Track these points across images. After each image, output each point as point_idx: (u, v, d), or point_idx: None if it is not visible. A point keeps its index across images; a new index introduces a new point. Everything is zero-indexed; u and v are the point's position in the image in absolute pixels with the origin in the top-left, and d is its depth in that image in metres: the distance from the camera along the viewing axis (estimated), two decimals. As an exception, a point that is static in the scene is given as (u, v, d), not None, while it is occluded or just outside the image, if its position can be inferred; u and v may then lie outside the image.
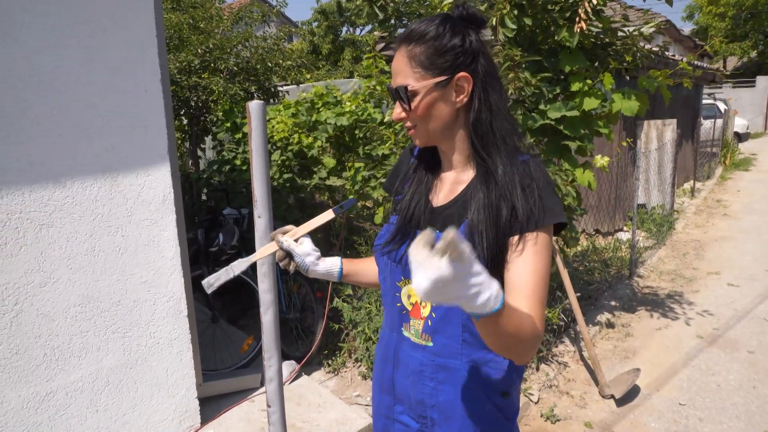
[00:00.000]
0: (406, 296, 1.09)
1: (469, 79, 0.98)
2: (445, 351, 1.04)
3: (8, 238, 1.86)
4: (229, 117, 4.88)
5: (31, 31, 1.82)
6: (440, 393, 1.06)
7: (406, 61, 0.98)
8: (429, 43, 0.96)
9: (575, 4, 2.24)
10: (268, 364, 1.32)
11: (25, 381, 1.94)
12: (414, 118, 1.01)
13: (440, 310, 1.03)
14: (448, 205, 1.05)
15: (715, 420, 2.57)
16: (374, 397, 1.24)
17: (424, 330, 1.06)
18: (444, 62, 0.96)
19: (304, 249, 1.17)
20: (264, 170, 1.23)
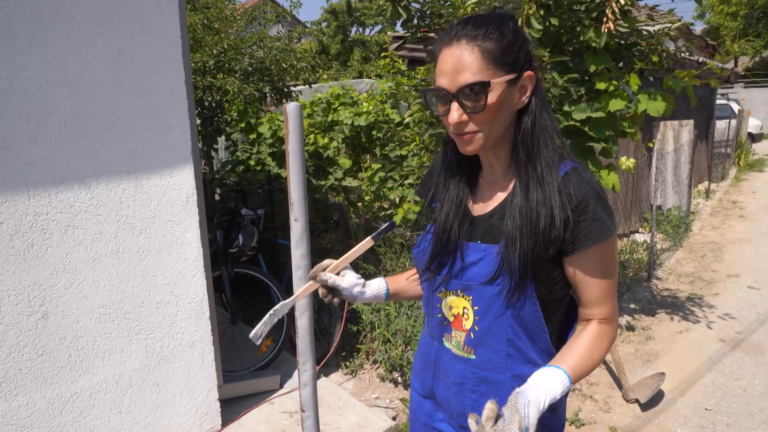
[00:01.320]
0: (447, 307, 1.06)
1: (533, 79, 0.94)
2: (488, 364, 1.02)
3: (35, 240, 1.86)
4: (243, 117, 4.89)
5: (59, 33, 1.82)
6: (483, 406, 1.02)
7: (474, 57, 0.89)
8: (499, 39, 0.90)
9: (602, 4, 2.21)
10: (302, 369, 1.30)
11: (51, 382, 1.95)
12: (481, 120, 0.92)
13: (484, 323, 1.00)
14: (488, 215, 1.02)
15: (742, 426, 2.53)
16: (413, 402, 1.23)
17: (466, 342, 1.04)
18: (515, 59, 0.91)
19: (348, 281, 1.14)
20: (301, 173, 1.21)
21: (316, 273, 1.13)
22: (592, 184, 0.95)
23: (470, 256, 1.00)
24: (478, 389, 1.04)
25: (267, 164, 4.74)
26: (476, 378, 1.03)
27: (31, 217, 1.85)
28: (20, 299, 1.85)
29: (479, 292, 0.99)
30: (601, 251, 0.95)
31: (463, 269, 1.01)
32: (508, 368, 1.01)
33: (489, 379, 1.02)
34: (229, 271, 3.00)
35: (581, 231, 0.92)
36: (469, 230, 1.02)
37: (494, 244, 0.97)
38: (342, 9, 17.63)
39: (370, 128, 3.79)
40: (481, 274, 0.98)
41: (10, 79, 1.74)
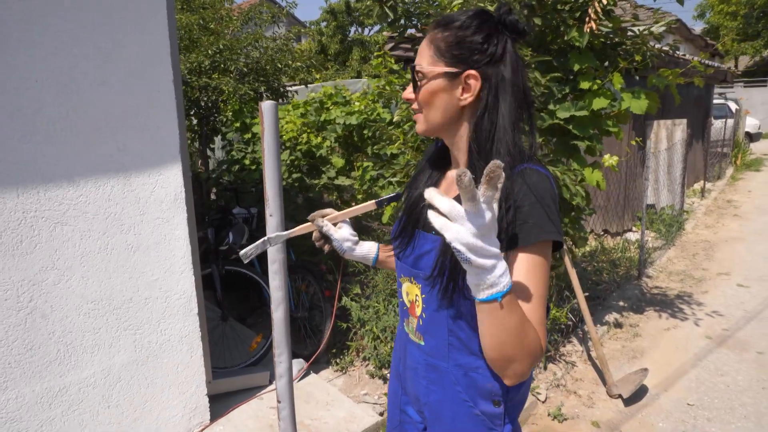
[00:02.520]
0: (405, 293, 1.10)
1: (478, 79, 0.93)
2: (435, 352, 1.03)
3: (23, 236, 1.90)
4: (238, 117, 4.92)
5: (48, 33, 1.86)
6: (431, 393, 1.06)
7: (426, 44, 0.97)
8: (452, 32, 0.94)
9: (585, 4, 2.24)
10: (278, 361, 1.34)
11: (39, 376, 1.98)
12: (420, 102, 0.99)
13: (428, 310, 1.02)
14: None
15: (723, 420, 2.56)
16: (390, 381, 1.27)
17: (417, 328, 1.07)
18: (459, 54, 0.93)
19: (342, 234, 1.20)
20: (276, 169, 1.24)
21: (315, 217, 1.18)
22: (535, 187, 0.90)
23: (423, 246, 1.02)
24: (428, 376, 1.06)
25: (262, 163, 4.78)
26: (426, 364, 1.06)
27: (20, 214, 1.88)
28: (9, 295, 1.88)
29: (424, 282, 1.01)
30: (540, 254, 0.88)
31: (416, 258, 1.04)
32: (450, 357, 1.01)
33: (436, 366, 1.04)
34: (219, 268, 3.03)
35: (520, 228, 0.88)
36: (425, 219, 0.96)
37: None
38: (341, 9, 17.66)
39: (361, 127, 3.82)
40: (430, 265, 0.97)
41: (0, 78, 1.78)
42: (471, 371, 1.00)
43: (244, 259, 1.13)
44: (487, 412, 1.00)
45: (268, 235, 1.15)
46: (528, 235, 0.87)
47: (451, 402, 1.02)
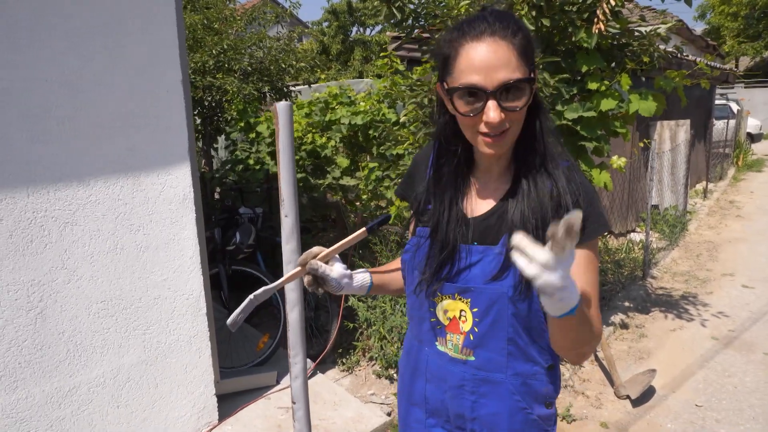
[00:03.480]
0: (442, 311, 1.04)
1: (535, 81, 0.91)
2: (488, 365, 1.01)
3: (34, 236, 1.90)
4: (242, 116, 4.92)
5: (58, 33, 1.86)
6: (482, 406, 1.03)
7: (512, 53, 0.85)
8: (525, 35, 0.87)
9: (593, 5, 2.24)
10: (293, 361, 1.34)
11: (49, 376, 1.98)
12: (514, 119, 0.88)
13: (484, 324, 0.99)
14: (485, 216, 0.99)
15: (732, 422, 2.57)
16: (402, 409, 1.20)
17: (464, 345, 1.02)
18: (531, 58, 0.88)
19: (338, 271, 1.09)
20: (291, 170, 1.25)
21: (306, 260, 1.08)
22: (584, 183, 0.96)
23: (467, 259, 0.99)
24: (478, 390, 1.03)
25: (266, 163, 4.78)
26: (476, 379, 1.02)
27: (30, 214, 1.88)
28: (19, 295, 1.88)
29: (479, 293, 0.98)
30: (594, 248, 0.94)
31: (459, 272, 0.99)
32: (509, 367, 1.00)
33: (489, 379, 1.01)
34: (226, 268, 3.03)
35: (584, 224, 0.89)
36: (465, 232, 1.00)
37: (493, 246, 0.96)
38: (343, 9, 17.67)
39: (367, 127, 3.82)
40: (483, 275, 0.96)
41: (10, 78, 1.78)
42: (529, 378, 1.01)
43: (233, 327, 1.07)
44: (542, 415, 1.03)
45: (254, 293, 1.07)
46: (595, 228, 0.93)
47: (508, 412, 1.02)
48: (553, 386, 1.04)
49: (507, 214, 0.96)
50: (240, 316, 1.05)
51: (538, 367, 1.01)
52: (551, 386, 1.04)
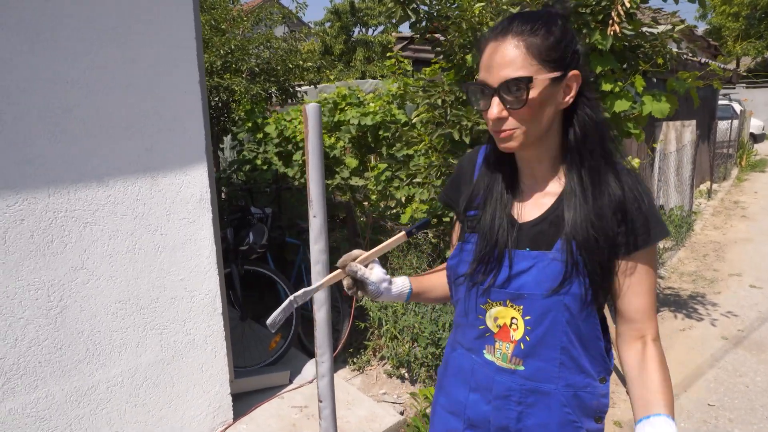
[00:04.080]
0: (492, 318, 1.02)
1: (579, 79, 0.90)
2: (539, 375, 0.98)
3: (54, 236, 1.91)
4: (250, 117, 4.93)
5: (78, 34, 1.87)
6: (528, 417, 1.01)
7: (519, 52, 0.86)
8: (546, 35, 0.87)
9: (607, 7, 2.25)
10: (320, 360, 1.35)
11: (68, 375, 2.00)
12: (521, 116, 0.89)
13: (536, 332, 0.97)
14: (537, 221, 0.98)
15: (745, 421, 2.58)
16: (439, 419, 1.16)
17: (514, 353, 1.00)
18: (560, 57, 0.88)
19: (377, 275, 1.08)
20: (319, 171, 1.26)
21: (346, 262, 1.07)
22: (643, 185, 0.94)
23: (518, 265, 0.97)
24: (525, 401, 1.00)
25: (274, 163, 4.79)
26: (523, 390, 1.00)
27: (51, 214, 1.89)
28: (40, 294, 1.90)
29: (532, 300, 0.96)
30: (653, 253, 0.94)
31: (510, 278, 0.97)
32: (561, 377, 0.98)
33: (538, 390, 0.99)
34: (239, 268, 3.05)
35: (640, 230, 0.90)
36: (516, 238, 0.98)
37: (546, 251, 0.95)
38: (345, 9, 17.69)
39: (376, 128, 3.84)
40: (536, 283, 0.95)
41: (31, 79, 1.79)
42: (580, 390, 0.99)
43: (272, 328, 1.06)
44: (591, 429, 1.01)
45: (294, 294, 1.07)
46: (658, 232, 0.92)
47: (557, 424, 1.00)
48: (604, 400, 1.01)
49: (562, 219, 0.93)
50: (280, 316, 1.05)
51: (590, 378, 0.99)
52: (603, 400, 1.01)
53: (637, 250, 0.92)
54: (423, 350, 2.78)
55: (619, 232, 0.90)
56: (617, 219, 0.90)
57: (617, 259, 0.93)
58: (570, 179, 0.94)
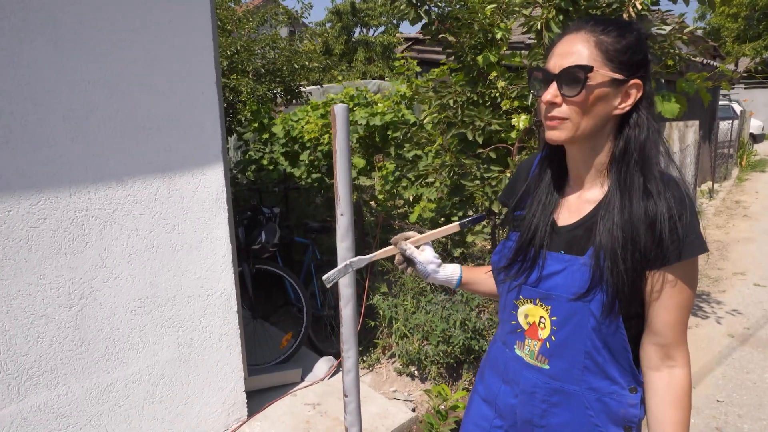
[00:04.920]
0: (523, 315, 1.05)
1: (640, 88, 0.92)
2: (562, 375, 1.01)
3: (75, 235, 1.94)
4: (256, 117, 4.96)
5: (100, 35, 1.90)
6: (552, 415, 1.03)
7: (589, 45, 0.90)
8: (618, 37, 0.90)
9: (618, 9, 2.28)
10: (346, 356, 1.37)
11: (89, 373, 2.02)
12: (572, 106, 0.91)
13: (562, 333, 0.99)
14: (574, 226, 1.00)
15: (754, 417, 2.61)
16: (474, 406, 1.22)
17: (540, 352, 1.03)
18: (627, 61, 0.90)
19: (426, 256, 1.17)
20: (347, 170, 1.29)
21: (398, 240, 1.18)
22: (689, 195, 0.93)
23: (551, 266, 1.00)
24: (549, 399, 1.03)
25: (280, 164, 4.82)
26: (548, 388, 1.03)
27: (72, 213, 1.92)
28: (61, 292, 1.92)
29: (560, 302, 0.98)
30: (688, 268, 0.92)
31: (541, 278, 1.01)
32: (583, 380, 0.99)
33: (562, 390, 1.01)
34: (250, 267, 3.07)
35: (678, 243, 0.89)
36: (552, 239, 1.01)
37: (579, 256, 0.97)
38: (346, 10, 17.72)
39: (385, 128, 3.87)
40: (565, 286, 0.97)
41: (54, 79, 1.82)
42: (605, 396, 1.00)
43: (327, 283, 1.14)
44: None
45: (350, 260, 1.18)
46: (692, 248, 0.90)
47: (579, 426, 1.01)
48: (634, 411, 1.00)
49: (596, 226, 0.95)
50: (334, 275, 1.14)
51: (616, 386, 0.99)
52: (631, 410, 0.99)
53: (668, 265, 0.91)
54: (434, 348, 2.81)
55: (650, 246, 0.90)
56: (650, 231, 0.90)
57: (648, 272, 0.93)
58: (610, 188, 0.95)
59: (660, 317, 0.94)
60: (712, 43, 13.37)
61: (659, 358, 0.96)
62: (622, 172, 0.93)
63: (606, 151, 0.97)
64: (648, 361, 0.97)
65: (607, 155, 0.97)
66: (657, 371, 0.96)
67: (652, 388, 0.96)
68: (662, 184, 0.92)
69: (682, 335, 0.95)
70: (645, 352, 0.98)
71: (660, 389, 0.95)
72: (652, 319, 0.95)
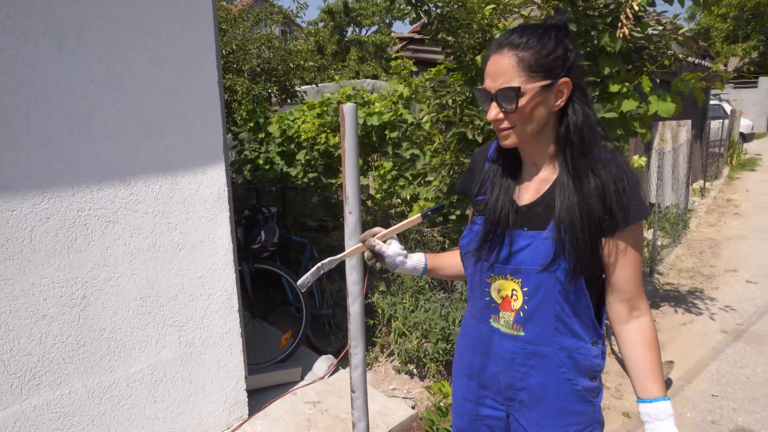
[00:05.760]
0: (496, 290, 1.16)
1: (569, 85, 1.05)
2: (537, 339, 1.13)
3: (78, 234, 1.94)
4: (252, 117, 4.95)
5: (103, 36, 1.90)
6: (530, 377, 1.15)
7: (512, 64, 1.02)
8: (536, 48, 1.02)
9: (616, 10, 2.31)
10: (354, 352, 1.39)
11: (91, 372, 2.02)
12: (515, 119, 1.05)
13: (533, 302, 1.11)
14: (534, 204, 1.11)
15: (748, 410, 2.66)
16: (458, 383, 1.31)
17: (515, 321, 1.14)
18: (550, 67, 1.02)
19: (393, 249, 1.25)
20: (355, 168, 1.30)
21: (366, 237, 1.24)
22: (628, 171, 1.07)
23: (518, 243, 1.11)
24: (527, 362, 1.14)
25: (277, 163, 4.82)
26: (525, 353, 1.14)
27: (75, 213, 1.92)
28: (64, 292, 1.92)
29: (529, 275, 1.10)
30: (636, 231, 1.07)
31: (511, 255, 1.11)
32: (555, 341, 1.12)
33: (537, 352, 1.13)
34: (250, 266, 3.08)
35: (624, 211, 1.03)
36: (516, 219, 1.12)
37: (541, 231, 1.09)
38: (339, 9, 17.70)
39: (382, 128, 3.88)
40: (532, 259, 1.09)
41: (57, 79, 1.82)
42: (574, 352, 1.12)
43: (302, 288, 1.20)
44: (586, 386, 1.14)
45: (322, 262, 1.22)
46: (637, 214, 1.04)
47: (555, 382, 1.13)
48: (597, 360, 1.14)
49: (554, 202, 1.07)
50: (309, 279, 1.19)
51: (582, 342, 1.12)
52: (595, 360, 1.14)
53: (620, 230, 1.05)
54: (434, 346, 2.83)
55: (603, 215, 1.03)
56: (601, 203, 1.03)
57: (603, 238, 1.06)
58: (561, 169, 1.08)
59: (622, 275, 1.08)
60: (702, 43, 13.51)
61: (626, 311, 1.10)
62: (568, 154, 1.06)
63: (553, 140, 1.10)
64: (617, 317, 1.11)
65: (555, 142, 1.10)
66: (626, 324, 1.11)
67: (625, 338, 1.11)
68: (603, 161, 1.05)
69: (641, 288, 1.10)
70: (613, 309, 1.12)
71: (632, 338, 1.09)
72: (615, 279, 1.09)
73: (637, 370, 1.09)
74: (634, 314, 1.10)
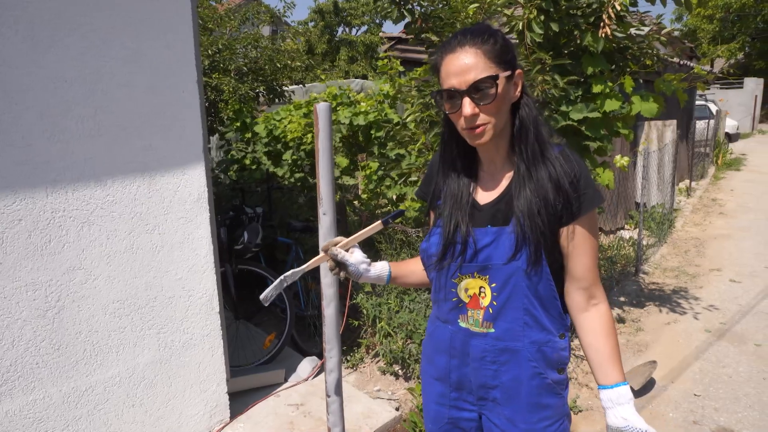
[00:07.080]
0: (463, 290, 1.15)
1: (522, 76, 1.07)
2: (506, 335, 1.13)
3: (52, 236, 1.90)
4: (239, 116, 4.92)
5: (80, 33, 1.86)
6: (503, 373, 1.14)
7: (479, 57, 1.02)
8: (497, 41, 1.04)
9: (599, 9, 2.31)
10: (329, 356, 1.37)
11: (66, 376, 1.98)
12: (491, 111, 1.03)
13: (501, 297, 1.11)
14: (495, 201, 1.13)
15: (729, 410, 2.67)
16: (429, 388, 1.29)
17: (485, 318, 1.14)
18: (510, 58, 1.05)
19: (356, 258, 1.23)
20: (329, 170, 1.28)
21: (328, 247, 1.22)
22: (580, 162, 1.10)
23: (482, 240, 1.11)
24: (498, 359, 1.14)
25: (263, 163, 4.78)
26: (496, 350, 1.14)
27: (49, 214, 1.88)
28: (38, 295, 1.88)
29: (496, 269, 1.10)
30: (592, 219, 1.10)
31: (477, 252, 1.11)
32: (525, 336, 1.12)
33: (507, 348, 1.13)
34: (233, 267, 3.04)
35: (576, 202, 1.06)
36: (477, 218, 1.13)
37: (504, 226, 1.09)
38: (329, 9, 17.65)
39: (368, 128, 3.86)
40: (498, 254, 1.09)
41: (30, 78, 1.78)
42: (543, 346, 1.13)
43: (265, 302, 1.17)
44: (555, 379, 1.15)
45: (284, 274, 1.20)
46: (591, 201, 1.07)
47: (527, 377, 1.13)
48: (564, 353, 1.16)
49: (513, 198, 1.09)
50: (271, 293, 1.16)
51: (551, 335, 1.13)
52: (563, 353, 1.15)
53: (576, 218, 1.07)
54: (418, 347, 2.82)
55: (559, 205, 1.06)
56: (557, 194, 1.06)
57: (561, 227, 1.09)
58: (518, 162, 1.10)
59: (580, 263, 1.10)
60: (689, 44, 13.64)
61: (585, 299, 1.12)
62: (523, 146, 1.08)
63: (508, 134, 1.11)
64: (576, 305, 1.13)
65: (510, 137, 1.11)
66: (585, 312, 1.13)
67: (584, 326, 1.12)
68: (555, 152, 1.08)
69: (597, 276, 1.12)
70: (572, 298, 1.13)
71: (591, 325, 1.12)
72: (573, 267, 1.11)
73: (598, 357, 1.10)
74: (592, 302, 1.12)
